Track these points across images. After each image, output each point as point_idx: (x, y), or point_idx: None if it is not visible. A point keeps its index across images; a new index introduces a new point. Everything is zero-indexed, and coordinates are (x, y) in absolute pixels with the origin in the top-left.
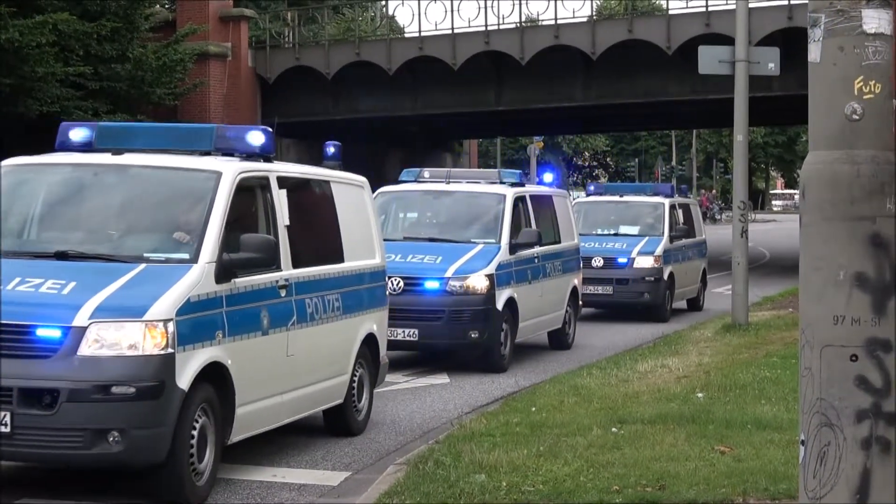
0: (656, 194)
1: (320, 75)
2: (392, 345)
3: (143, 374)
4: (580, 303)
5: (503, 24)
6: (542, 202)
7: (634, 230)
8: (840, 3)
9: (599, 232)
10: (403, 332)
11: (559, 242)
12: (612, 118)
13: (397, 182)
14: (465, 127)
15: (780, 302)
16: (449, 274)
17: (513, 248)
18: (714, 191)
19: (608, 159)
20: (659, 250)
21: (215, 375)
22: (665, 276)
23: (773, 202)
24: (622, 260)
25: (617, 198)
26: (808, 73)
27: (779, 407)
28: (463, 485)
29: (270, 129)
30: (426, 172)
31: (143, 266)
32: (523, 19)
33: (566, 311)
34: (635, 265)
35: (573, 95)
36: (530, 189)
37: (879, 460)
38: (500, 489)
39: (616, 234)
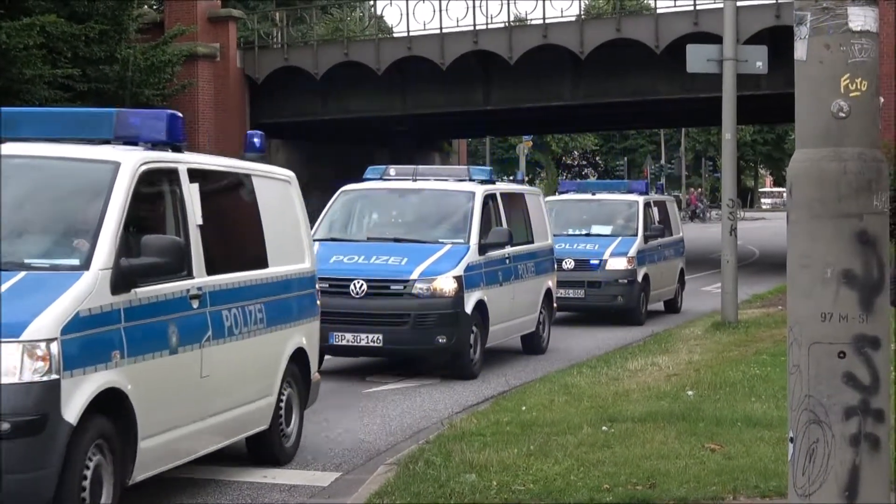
0: (630, 192)
1: (309, 76)
2: (356, 351)
3: (21, 407)
4: (555, 305)
5: (491, 23)
6: (514, 200)
7: (607, 230)
8: (826, 2)
9: (571, 232)
10: (367, 337)
11: (532, 242)
12: (601, 117)
13: (362, 180)
14: (454, 126)
15: (769, 300)
16: (415, 276)
17: (482, 249)
18: (701, 189)
19: (597, 158)
20: (632, 251)
21: (112, 404)
22: (639, 278)
23: (762, 200)
24: (594, 262)
25: (589, 196)
26: (795, 71)
27: (769, 404)
28: (453, 484)
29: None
30: (392, 170)
31: (22, 274)
32: (512, 19)
33: (540, 314)
34: (608, 267)
35: (562, 95)
36: (501, 186)
37: (868, 457)
38: (490, 489)
39: (588, 235)
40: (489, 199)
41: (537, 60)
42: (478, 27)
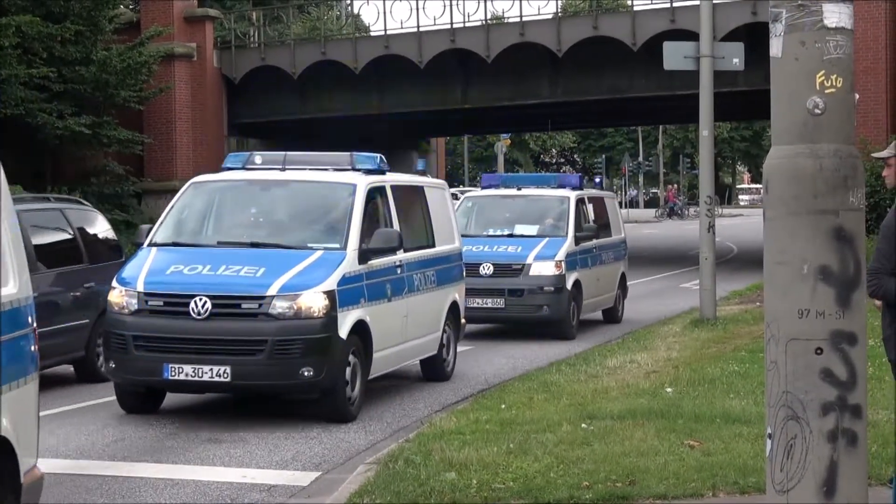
0: (562, 186)
1: (286, 75)
2: (197, 387)
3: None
4: (463, 321)
5: (469, 21)
6: (411, 195)
7: (533, 230)
8: None
9: (491, 233)
10: (211, 370)
11: (432, 246)
12: (579, 115)
13: (220, 170)
14: (433, 125)
15: (747, 296)
16: (272, 291)
17: (364, 256)
18: (675, 185)
19: (575, 156)
20: (561, 254)
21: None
22: (569, 285)
23: (740, 197)
24: (515, 266)
25: (514, 192)
26: (770, 68)
27: (747, 401)
28: (433, 483)
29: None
30: (258, 156)
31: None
32: (489, 17)
33: (443, 333)
34: (531, 272)
35: (539, 92)
36: (393, 178)
37: (846, 453)
38: (470, 487)
39: (510, 236)
40: (376, 193)
41: (515, 58)
42: (455, 25)
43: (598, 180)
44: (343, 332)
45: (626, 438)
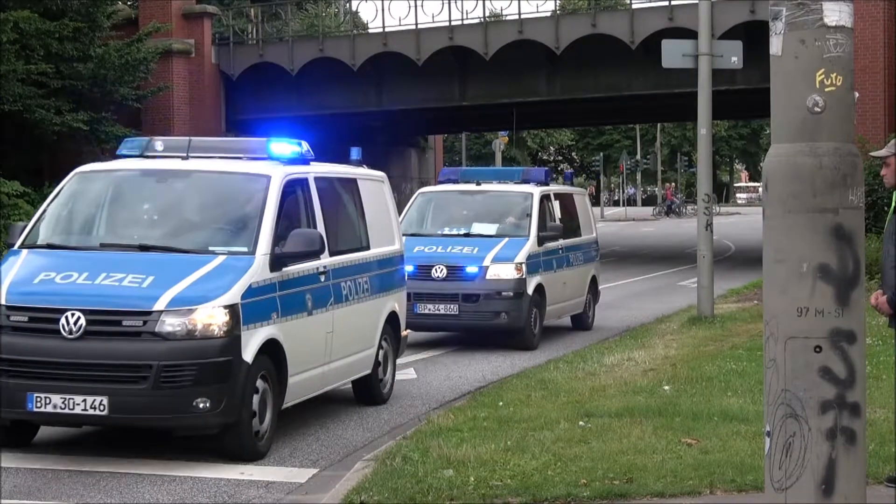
0: (526, 181)
1: (284, 72)
2: (69, 420)
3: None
4: (403, 334)
5: (467, 19)
6: (341, 189)
7: (492, 229)
8: None
9: (446, 232)
10: (85, 401)
11: (367, 248)
12: (577, 113)
13: (114, 156)
14: (430, 122)
15: (745, 294)
16: (161, 305)
17: (276, 261)
18: (673, 184)
19: (573, 154)
20: (521, 256)
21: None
22: (530, 290)
23: (738, 195)
24: (471, 269)
25: (473, 187)
26: (770, 66)
27: (745, 399)
28: (431, 480)
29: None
30: (158, 143)
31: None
32: (487, 14)
33: (379, 349)
34: (489, 276)
35: (537, 90)
36: (319, 168)
37: (844, 451)
38: (468, 484)
39: (467, 235)
40: (295, 186)
41: (513, 56)
42: (453, 23)
43: (568, 173)
44: (248, 354)
45: (623, 436)
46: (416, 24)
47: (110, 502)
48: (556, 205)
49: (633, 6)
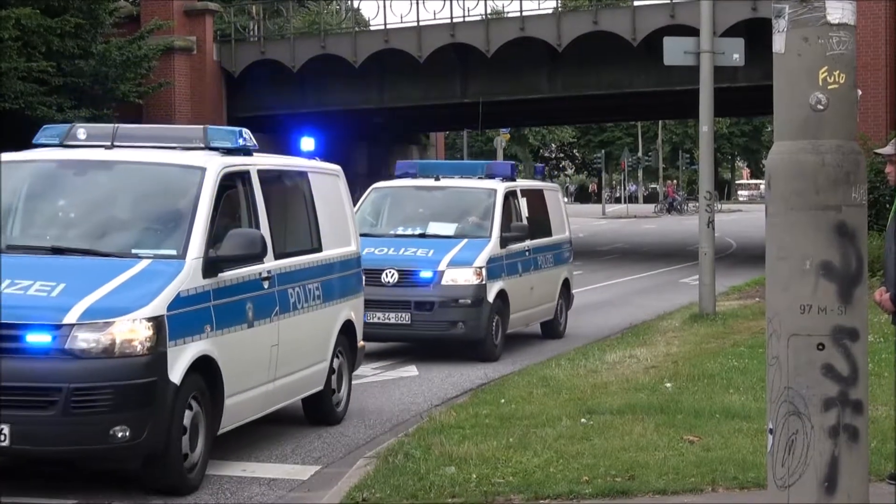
0: (491, 176)
1: (286, 69)
2: None
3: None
4: (360, 345)
5: (468, 16)
6: (289, 184)
7: (450, 229)
8: None
9: (400, 232)
10: None
11: (318, 250)
12: (578, 110)
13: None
14: (432, 119)
15: (746, 291)
16: (72, 317)
17: (211, 266)
18: (675, 181)
19: (575, 151)
20: (481, 259)
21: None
22: (491, 296)
23: (739, 192)
24: (425, 274)
25: (431, 182)
26: (773, 63)
27: (747, 396)
28: (433, 477)
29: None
30: (80, 130)
31: None
32: (489, 12)
33: (332, 363)
34: (445, 281)
35: (539, 87)
36: (263, 161)
37: (847, 448)
38: (469, 481)
39: (422, 236)
40: (235, 179)
41: (514, 53)
42: (455, 20)
43: (539, 167)
44: (176, 374)
45: (625, 433)
46: (418, 21)
47: (111, 498)
48: (524, 202)
49: (635, 3)
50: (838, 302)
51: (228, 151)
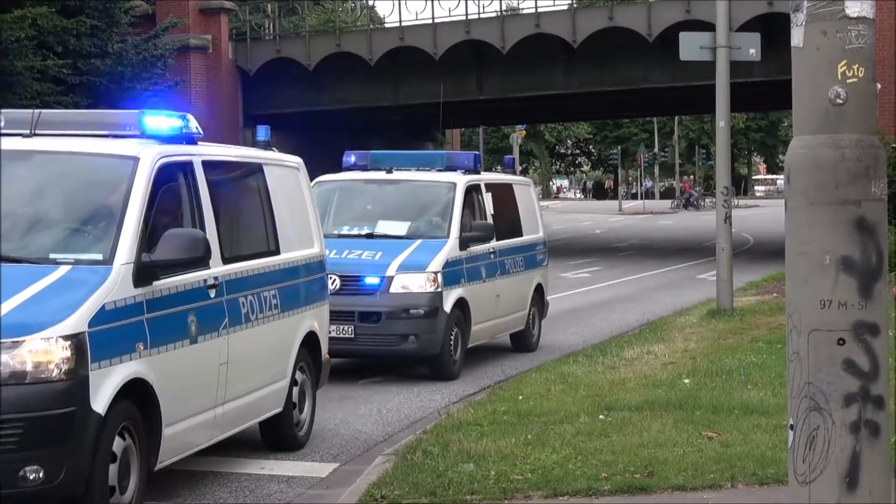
0: (451, 168)
1: (301, 66)
2: None
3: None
4: (325, 359)
5: (483, 13)
6: (240, 179)
7: (401, 228)
8: None
9: (345, 232)
10: None
11: (275, 253)
12: (594, 106)
13: None
14: (448, 116)
15: (764, 287)
16: None
17: (145, 273)
18: (691, 176)
19: (591, 147)
20: (437, 262)
21: (137, 393)
22: (448, 306)
23: (756, 188)
24: (371, 280)
25: (382, 175)
26: (792, 58)
27: (765, 392)
28: (451, 474)
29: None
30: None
31: None
32: (504, 8)
33: (292, 382)
34: (394, 288)
35: (554, 83)
36: (208, 150)
37: (868, 444)
38: (488, 478)
39: (370, 236)
40: (175, 173)
41: (530, 49)
42: (470, 17)
43: (508, 159)
44: (100, 402)
45: (643, 430)
46: (433, 18)
47: None
48: (489, 198)
49: None
50: (859, 297)
51: (169, 139)
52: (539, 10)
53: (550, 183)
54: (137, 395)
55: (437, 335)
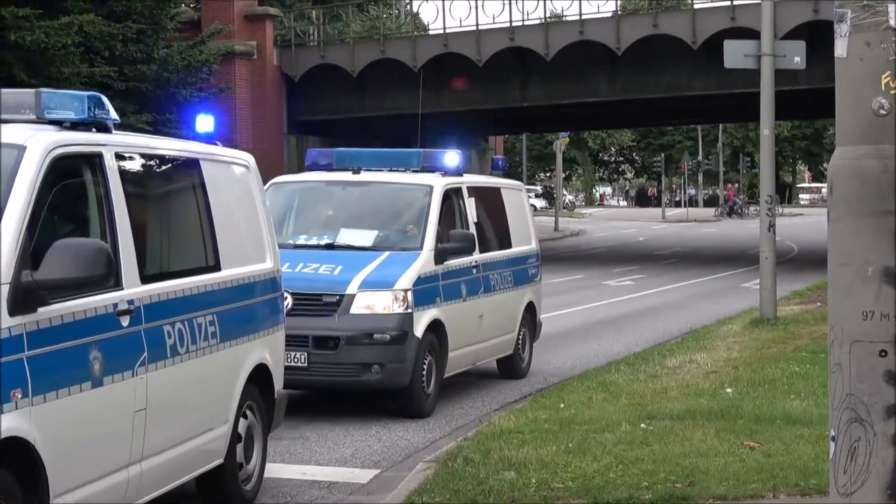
0: (429, 169)
1: (345, 73)
2: None
3: None
4: (278, 396)
5: (527, 20)
6: (164, 175)
7: (367, 238)
8: None
9: (302, 242)
10: None
11: (214, 269)
12: (638, 113)
13: None
14: (491, 123)
15: (808, 296)
16: None
17: (25, 296)
18: (735, 184)
19: (634, 154)
20: (407, 279)
21: (15, 456)
22: (419, 329)
23: (801, 196)
24: (329, 298)
25: (349, 177)
26: (835, 68)
27: (808, 402)
28: (492, 482)
29: None
30: None
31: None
32: (548, 15)
33: (235, 427)
34: (354, 308)
35: (598, 90)
36: (123, 140)
37: None
38: (529, 486)
39: (329, 247)
40: (80, 168)
41: (574, 57)
42: (514, 24)
43: (498, 160)
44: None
45: (685, 439)
46: (477, 24)
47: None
48: (472, 203)
49: (695, 6)
50: None
51: (72, 126)
52: (583, 17)
53: (594, 190)
54: (13, 459)
55: (405, 364)
